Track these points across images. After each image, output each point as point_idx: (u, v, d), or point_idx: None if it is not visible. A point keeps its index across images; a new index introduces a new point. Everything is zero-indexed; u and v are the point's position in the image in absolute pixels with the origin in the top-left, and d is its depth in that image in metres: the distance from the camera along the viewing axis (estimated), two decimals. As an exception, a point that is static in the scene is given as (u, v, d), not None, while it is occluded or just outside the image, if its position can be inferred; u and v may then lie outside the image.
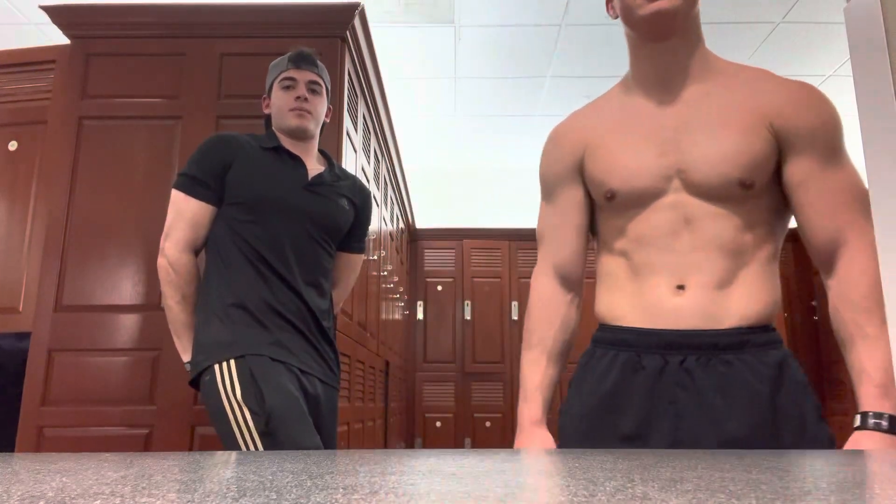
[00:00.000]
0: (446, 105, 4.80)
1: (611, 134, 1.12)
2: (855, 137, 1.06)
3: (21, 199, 2.21)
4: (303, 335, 1.53)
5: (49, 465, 0.46)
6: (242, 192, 1.56)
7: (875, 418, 0.93)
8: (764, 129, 1.02)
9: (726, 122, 1.03)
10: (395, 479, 0.39)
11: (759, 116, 1.03)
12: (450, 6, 3.54)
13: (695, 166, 1.02)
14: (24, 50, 2.33)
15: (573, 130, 1.18)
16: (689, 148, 1.03)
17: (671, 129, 1.06)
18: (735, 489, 0.37)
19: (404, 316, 4.69)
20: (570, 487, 0.34)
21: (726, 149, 1.01)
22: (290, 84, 1.67)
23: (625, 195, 1.07)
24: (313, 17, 2.21)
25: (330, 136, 2.11)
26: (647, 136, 1.07)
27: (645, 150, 1.06)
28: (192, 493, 0.37)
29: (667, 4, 1.02)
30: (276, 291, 1.51)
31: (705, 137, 1.03)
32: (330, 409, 1.59)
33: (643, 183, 1.05)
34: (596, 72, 4.25)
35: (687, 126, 1.05)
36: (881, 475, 0.40)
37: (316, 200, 1.62)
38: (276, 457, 0.51)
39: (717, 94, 1.06)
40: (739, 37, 3.90)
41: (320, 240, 1.62)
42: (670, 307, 1.03)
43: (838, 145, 1.04)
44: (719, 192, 1.01)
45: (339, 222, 1.67)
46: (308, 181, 1.62)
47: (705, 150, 1.02)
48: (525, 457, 0.49)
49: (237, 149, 1.59)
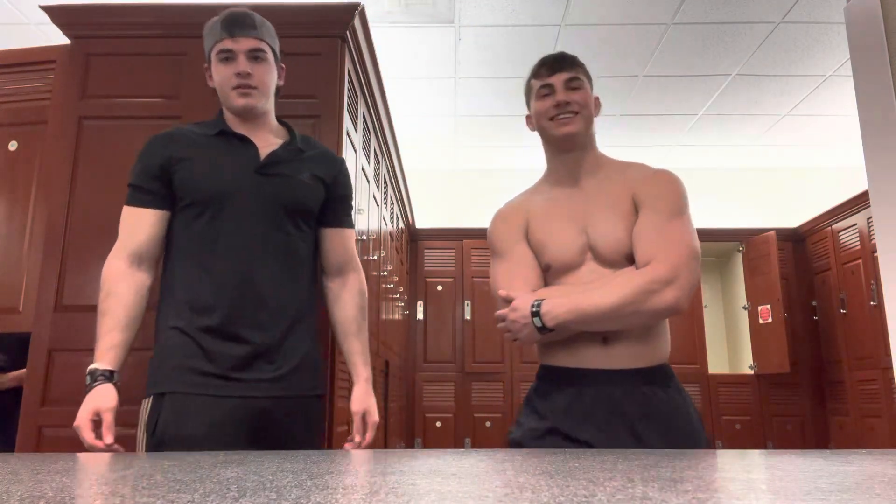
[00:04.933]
0: (446, 105, 4.80)
1: (543, 215, 1.49)
2: (855, 137, 1.06)
3: (21, 199, 2.21)
4: (249, 344, 1.40)
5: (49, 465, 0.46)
6: (188, 192, 1.45)
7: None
8: (632, 206, 1.42)
9: (614, 209, 1.43)
10: (395, 479, 0.39)
11: (630, 196, 1.43)
12: (450, 6, 3.54)
13: (599, 245, 1.41)
14: (24, 50, 2.33)
15: (517, 211, 1.55)
16: (594, 230, 1.43)
17: (581, 213, 1.45)
18: (735, 489, 0.37)
19: (404, 316, 4.69)
20: (570, 487, 0.34)
21: (617, 233, 1.40)
22: (227, 56, 1.49)
23: (557, 266, 1.44)
24: (313, 17, 2.20)
25: (330, 136, 2.11)
26: (567, 219, 1.45)
27: (567, 231, 1.44)
28: (192, 494, 0.37)
29: (573, 129, 1.45)
30: (220, 301, 1.40)
31: (604, 222, 1.42)
32: (291, 417, 1.44)
33: (569, 257, 1.43)
34: (595, 72, 4.24)
35: (591, 212, 1.44)
36: (881, 475, 0.40)
37: (271, 183, 1.47)
38: (277, 457, 0.51)
39: (607, 186, 1.47)
40: (739, 37, 3.89)
41: (284, 224, 1.48)
42: (599, 354, 1.39)
43: (677, 209, 1.39)
44: (617, 261, 1.39)
45: (303, 200, 1.51)
46: (260, 162, 1.49)
47: (605, 234, 1.41)
48: (525, 457, 0.49)
49: (177, 144, 1.48)
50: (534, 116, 1.53)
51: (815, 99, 4.67)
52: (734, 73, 4.33)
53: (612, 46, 3.99)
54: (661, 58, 4.14)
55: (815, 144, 5.47)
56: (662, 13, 3.66)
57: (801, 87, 4.52)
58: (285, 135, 1.60)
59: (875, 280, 4.17)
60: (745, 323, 5.14)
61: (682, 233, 1.36)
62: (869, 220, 4.26)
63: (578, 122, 1.46)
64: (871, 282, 4.23)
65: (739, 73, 4.33)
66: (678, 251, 1.33)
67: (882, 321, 3.95)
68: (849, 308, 4.54)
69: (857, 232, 4.45)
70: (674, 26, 3.78)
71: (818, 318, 4.96)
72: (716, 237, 5.25)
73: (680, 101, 4.75)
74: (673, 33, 3.86)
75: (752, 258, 5.12)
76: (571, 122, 1.45)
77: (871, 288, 4.25)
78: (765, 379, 4.97)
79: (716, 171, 5.87)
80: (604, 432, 1.33)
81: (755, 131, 5.23)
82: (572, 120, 1.45)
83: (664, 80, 4.44)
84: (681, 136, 5.32)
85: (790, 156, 5.68)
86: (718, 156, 5.70)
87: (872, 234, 4.19)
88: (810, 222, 5.01)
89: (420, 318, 5.07)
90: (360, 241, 2.63)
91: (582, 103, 1.46)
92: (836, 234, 4.72)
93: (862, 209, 4.34)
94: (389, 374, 3.78)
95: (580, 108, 1.46)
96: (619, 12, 3.65)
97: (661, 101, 4.73)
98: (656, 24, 3.77)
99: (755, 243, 5.09)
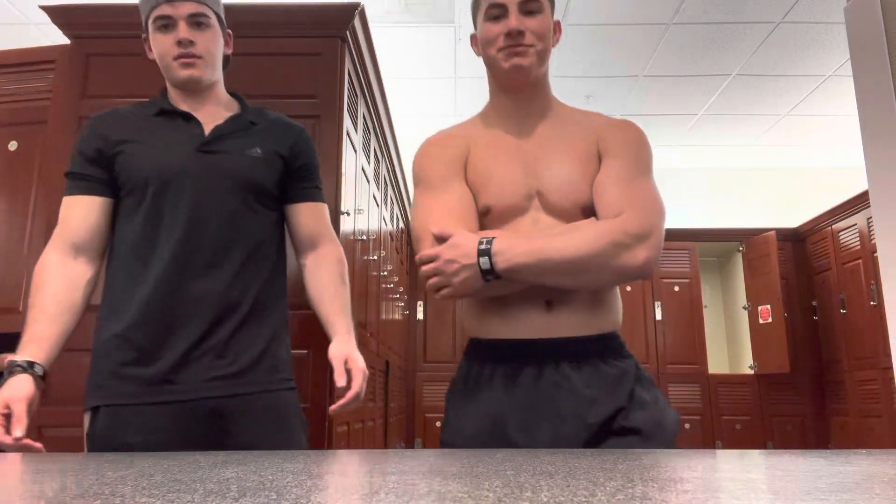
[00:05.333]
0: (446, 105, 4.80)
1: (486, 149, 1.27)
2: (855, 137, 1.06)
3: (21, 199, 2.21)
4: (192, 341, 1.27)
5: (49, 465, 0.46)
6: (127, 178, 1.32)
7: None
8: (595, 152, 1.24)
9: (570, 152, 1.23)
10: (395, 479, 0.39)
11: (591, 140, 1.24)
12: (450, 6, 3.54)
13: (550, 191, 1.21)
14: (24, 50, 2.33)
15: (456, 139, 1.30)
16: (544, 173, 1.22)
17: (531, 154, 1.24)
18: (735, 489, 0.37)
19: (404, 316, 4.69)
20: (570, 487, 0.34)
21: (572, 178, 1.21)
22: (166, 23, 1.34)
23: (498, 210, 1.22)
24: (313, 17, 2.20)
25: (330, 135, 2.11)
26: (513, 158, 1.24)
27: (513, 171, 1.23)
28: (192, 493, 0.37)
29: (524, 62, 1.21)
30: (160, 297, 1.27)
31: (557, 168, 1.22)
32: (256, 414, 1.30)
33: (513, 200, 1.21)
34: (596, 72, 4.25)
35: (542, 154, 1.24)
36: (881, 475, 0.40)
37: (215, 160, 1.33)
38: (277, 457, 0.51)
39: (561, 127, 1.27)
40: (739, 37, 3.89)
41: (235, 207, 1.33)
42: (541, 321, 1.18)
43: (645, 166, 1.23)
44: (569, 212, 1.20)
45: (253, 178, 1.36)
46: (204, 139, 1.35)
47: (557, 180, 1.22)
48: (525, 457, 0.49)
49: (114, 126, 1.36)
50: (480, 41, 1.26)
51: (815, 99, 4.67)
52: (734, 73, 4.33)
53: (612, 46, 3.99)
54: (661, 58, 4.14)
55: (815, 144, 5.47)
56: (662, 13, 3.66)
57: (801, 87, 4.52)
58: (237, 108, 1.45)
59: (875, 280, 4.17)
60: (745, 323, 5.14)
61: (652, 189, 1.20)
62: (869, 220, 4.26)
63: (532, 56, 1.20)
64: (871, 282, 4.23)
65: (739, 73, 4.33)
66: (651, 207, 1.16)
67: (882, 321, 3.94)
68: (849, 308, 4.54)
69: (857, 232, 4.45)
70: (674, 26, 3.78)
71: (818, 318, 4.96)
72: (716, 237, 5.25)
73: (680, 101, 4.75)
74: (673, 33, 3.86)
75: (752, 258, 5.12)
76: (524, 54, 1.19)
77: (871, 288, 4.25)
78: (765, 379, 4.97)
79: (716, 171, 5.87)
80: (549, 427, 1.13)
81: (755, 131, 5.23)
82: (525, 52, 1.19)
83: (664, 80, 4.44)
84: (681, 136, 5.32)
85: (790, 156, 5.68)
86: (718, 156, 5.70)
87: (872, 234, 4.19)
88: (810, 222, 5.01)
89: (420, 318, 5.07)
90: (361, 241, 2.63)
91: (539, 34, 1.20)
92: (836, 234, 4.72)
93: (862, 209, 4.34)
94: (389, 374, 3.78)
95: (536, 39, 1.20)
96: (618, 12, 3.65)
97: (661, 101, 4.73)
98: (656, 24, 3.77)
99: (755, 243, 5.09)
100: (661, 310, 5.02)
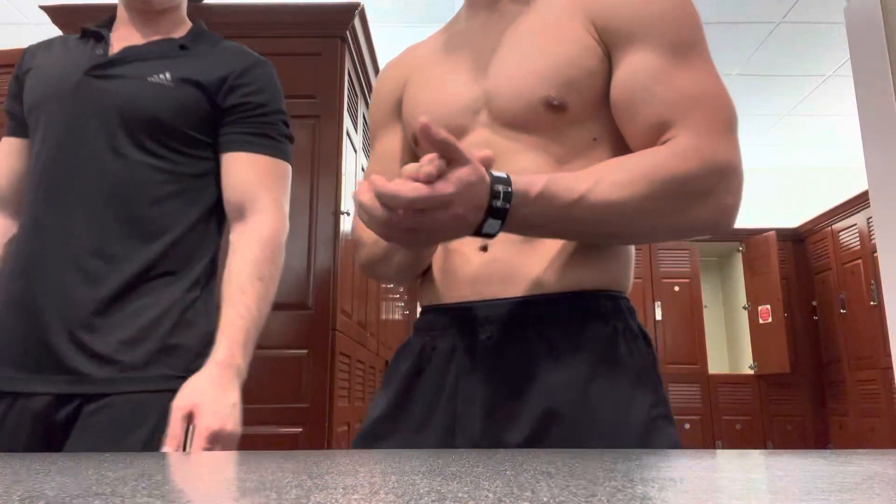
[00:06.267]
0: (446, 105, 4.80)
1: (429, 64, 0.93)
2: (855, 137, 1.06)
3: (21, 199, 2.21)
4: (43, 322, 0.96)
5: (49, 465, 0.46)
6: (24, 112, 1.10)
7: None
8: (585, 33, 0.79)
9: (541, 34, 0.82)
10: (395, 479, 0.39)
11: (581, 20, 0.80)
12: (450, 6, 3.54)
13: (499, 91, 0.82)
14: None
15: (398, 65, 1.00)
16: (496, 71, 0.83)
17: (489, 52, 0.86)
18: (735, 489, 0.37)
19: (404, 316, 4.69)
20: (570, 487, 0.34)
21: (531, 64, 0.80)
22: None
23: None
24: (313, 17, 2.21)
25: (330, 136, 2.11)
26: (463, 62, 0.88)
27: (457, 78, 0.87)
28: (192, 493, 0.37)
29: None
30: (16, 264, 1.01)
31: (514, 56, 0.82)
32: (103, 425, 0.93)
33: (449, 115, 0.85)
34: (596, 72, 4.25)
35: (503, 45, 0.85)
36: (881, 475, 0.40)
37: (102, 87, 1.03)
38: (277, 457, 0.52)
39: (542, 4, 0.85)
40: (739, 37, 3.90)
41: (124, 147, 1.01)
42: (468, 274, 0.82)
43: (686, 39, 0.77)
44: (526, 119, 0.79)
45: (148, 109, 1.02)
46: (97, 62, 1.05)
47: (510, 71, 0.81)
48: (525, 457, 0.49)
49: (37, 53, 1.14)
50: None
51: (815, 99, 4.67)
52: (734, 73, 4.33)
53: (612, 46, 3.99)
54: (661, 58, 4.14)
55: (815, 144, 5.47)
56: (662, 13, 3.66)
57: (801, 87, 4.52)
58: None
59: (875, 280, 4.18)
60: (745, 323, 5.14)
61: (716, 80, 0.76)
62: (869, 220, 4.26)
63: None
64: (871, 282, 4.23)
65: (739, 73, 4.33)
66: (724, 117, 0.74)
67: (882, 321, 3.94)
68: (849, 308, 4.54)
69: (857, 232, 4.45)
70: (674, 26, 3.79)
71: (818, 318, 4.96)
72: (716, 237, 5.25)
73: (680, 101, 4.75)
74: (673, 33, 3.86)
75: (752, 258, 5.12)
76: None
77: (871, 288, 4.25)
78: (765, 379, 4.97)
79: (716, 171, 5.87)
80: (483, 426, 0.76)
81: (755, 131, 5.23)
82: None
83: (664, 80, 4.44)
84: (681, 136, 5.33)
85: (790, 156, 5.69)
86: (718, 156, 5.70)
87: (872, 234, 4.19)
88: (810, 222, 5.01)
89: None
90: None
91: None
92: (836, 234, 4.72)
93: (862, 209, 4.34)
94: (389, 374, 3.77)
95: None
96: (619, 12, 3.65)
97: (661, 101, 4.73)
98: (656, 24, 3.77)
99: (755, 243, 5.09)
100: (661, 310, 5.02)
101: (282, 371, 1.93)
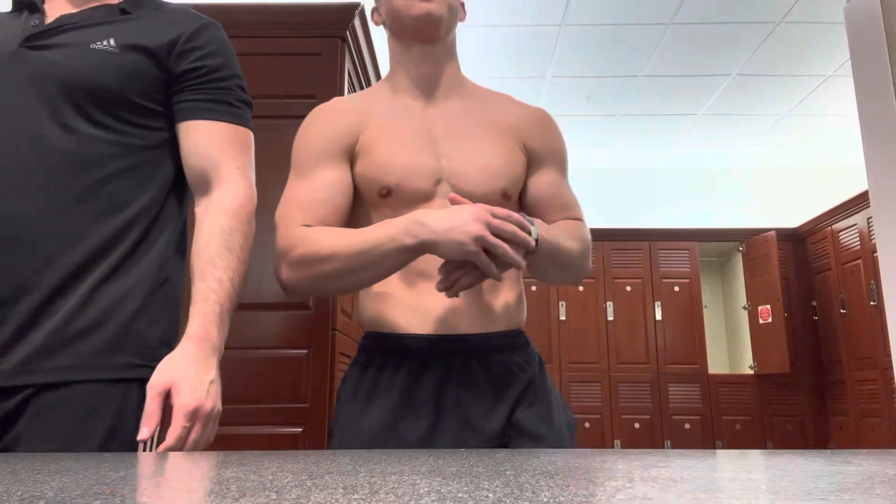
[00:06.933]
0: (446, 105, 4.80)
1: (384, 129, 1.10)
2: (855, 137, 1.06)
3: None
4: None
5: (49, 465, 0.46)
6: None
7: None
8: (518, 148, 1.14)
9: (487, 137, 1.12)
10: (395, 479, 0.39)
11: (514, 136, 1.14)
12: (450, 6, 3.54)
13: (462, 174, 1.08)
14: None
15: (349, 109, 1.13)
16: (456, 156, 1.09)
17: (439, 135, 1.11)
18: (735, 489, 0.37)
19: (404, 316, 4.68)
20: (570, 487, 0.34)
21: (491, 161, 1.10)
22: None
23: (400, 194, 1.06)
24: (313, 17, 2.21)
25: (330, 136, 2.11)
26: (417, 136, 1.09)
27: (418, 151, 1.08)
28: (192, 493, 0.37)
29: (433, 8, 1.08)
30: None
31: (471, 148, 1.10)
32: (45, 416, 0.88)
33: (418, 183, 1.06)
34: (596, 72, 4.25)
35: (453, 135, 1.11)
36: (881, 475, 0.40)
37: (36, 57, 0.97)
38: (277, 457, 0.52)
39: (474, 110, 1.15)
40: (739, 37, 3.90)
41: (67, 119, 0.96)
42: (447, 314, 1.05)
43: (566, 167, 1.21)
44: (483, 200, 1.00)
45: (91, 77, 0.96)
46: (31, 32, 0.99)
47: (472, 161, 1.09)
48: (525, 457, 0.49)
49: None
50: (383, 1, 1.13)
51: (815, 99, 4.67)
52: (734, 73, 4.33)
53: (612, 46, 3.99)
54: (661, 58, 4.14)
55: (815, 144, 5.47)
56: (662, 13, 3.66)
57: (801, 87, 4.52)
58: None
59: (875, 280, 4.18)
60: (745, 323, 5.14)
61: (572, 199, 1.21)
62: (869, 220, 4.26)
63: (442, 5, 1.08)
64: (871, 282, 4.23)
65: (739, 73, 4.33)
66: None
67: (882, 321, 3.95)
68: (849, 308, 4.54)
69: (857, 232, 4.45)
70: (674, 26, 3.78)
71: (818, 318, 4.96)
72: (716, 237, 5.25)
73: (680, 101, 4.75)
74: (673, 33, 3.86)
75: (752, 258, 5.12)
76: (433, 1, 1.07)
77: (871, 288, 4.25)
78: (765, 379, 4.97)
79: (716, 171, 5.87)
80: (453, 437, 1.02)
81: (755, 131, 5.23)
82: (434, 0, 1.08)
83: (664, 80, 4.44)
84: (681, 136, 5.32)
85: (790, 156, 5.69)
86: (718, 156, 5.70)
87: (872, 234, 4.19)
88: (810, 222, 5.01)
89: (420, 318, 5.07)
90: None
91: None
92: (836, 234, 4.72)
93: (862, 209, 4.34)
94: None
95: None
96: (619, 12, 3.65)
97: (661, 101, 4.73)
98: (656, 24, 3.77)
99: (755, 243, 5.09)
100: (661, 310, 5.02)
101: (282, 371, 1.93)
